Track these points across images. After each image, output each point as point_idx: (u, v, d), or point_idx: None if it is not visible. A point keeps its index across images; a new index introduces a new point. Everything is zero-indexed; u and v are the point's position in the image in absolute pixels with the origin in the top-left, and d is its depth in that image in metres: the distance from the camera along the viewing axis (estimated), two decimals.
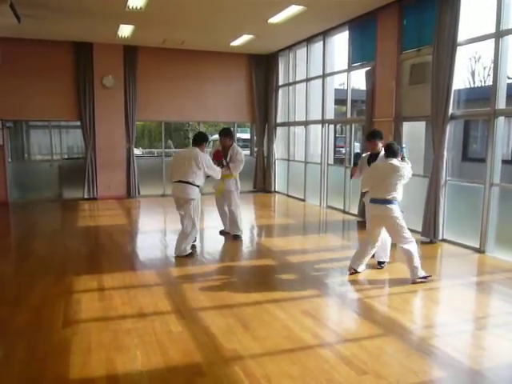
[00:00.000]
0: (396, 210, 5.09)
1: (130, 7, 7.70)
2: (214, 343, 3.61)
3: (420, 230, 7.14)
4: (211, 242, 7.43)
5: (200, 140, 6.33)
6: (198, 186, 6.15)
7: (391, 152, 5.16)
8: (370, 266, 5.77)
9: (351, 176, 6.11)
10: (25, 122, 12.43)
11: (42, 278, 5.35)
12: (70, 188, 11.42)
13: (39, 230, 8.33)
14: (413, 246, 5.11)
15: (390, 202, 5.07)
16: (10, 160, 11.03)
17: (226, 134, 7.09)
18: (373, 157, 5.72)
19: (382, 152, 5.47)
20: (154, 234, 7.88)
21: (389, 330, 3.88)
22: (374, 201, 5.19)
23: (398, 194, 5.12)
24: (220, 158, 6.85)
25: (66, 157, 12.48)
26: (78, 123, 11.21)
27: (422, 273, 5.13)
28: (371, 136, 5.77)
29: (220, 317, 4.14)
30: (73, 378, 3.11)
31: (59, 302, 4.51)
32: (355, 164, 5.91)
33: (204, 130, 15.55)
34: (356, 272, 5.40)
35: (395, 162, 5.14)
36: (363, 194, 5.71)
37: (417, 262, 5.10)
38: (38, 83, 10.68)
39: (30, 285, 5.04)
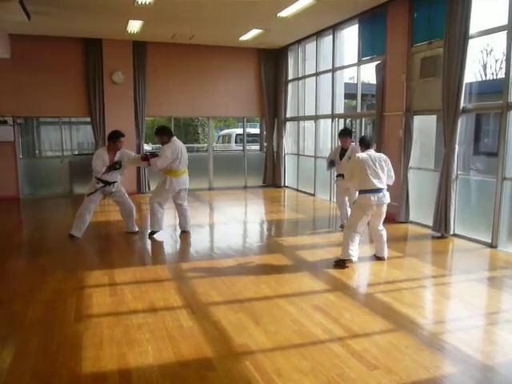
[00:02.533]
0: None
1: (139, 2, 7.71)
2: (225, 338, 3.62)
3: (431, 224, 7.10)
4: (221, 236, 7.44)
5: (108, 139, 7.07)
6: (95, 178, 6.92)
7: (369, 144, 5.64)
8: (380, 261, 5.76)
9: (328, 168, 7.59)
10: (35, 119, 12.53)
11: (54, 272, 5.40)
12: (81, 184, 11.48)
13: (50, 225, 8.40)
14: None
15: (386, 189, 5.50)
16: (21, 156, 11.12)
17: (157, 132, 7.13)
18: (343, 151, 7.04)
19: (352, 146, 6.84)
20: (165, 229, 7.89)
21: (400, 325, 3.86)
22: (376, 191, 5.38)
23: None
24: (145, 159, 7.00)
25: (76, 153, 12.57)
26: (88, 119, 11.27)
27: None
28: (344, 133, 7.05)
29: (230, 312, 4.15)
30: (85, 371, 3.14)
31: (71, 296, 4.56)
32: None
33: (213, 125, 15.55)
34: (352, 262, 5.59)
35: (376, 152, 5.67)
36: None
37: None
38: (48, 80, 10.75)
39: (42, 280, 5.10)
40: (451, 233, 6.87)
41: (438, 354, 3.38)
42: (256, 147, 14.94)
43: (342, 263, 5.50)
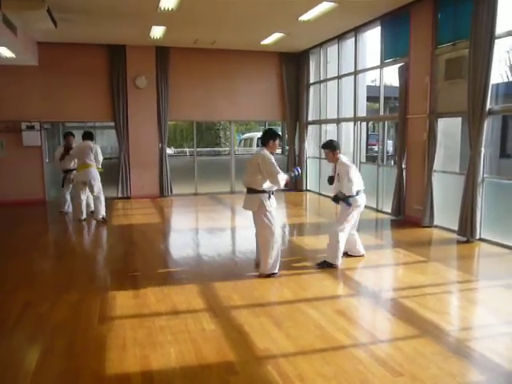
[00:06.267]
0: None
1: (162, 9, 7.80)
2: (247, 342, 3.61)
3: (456, 228, 6.96)
4: (243, 240, 7.45)
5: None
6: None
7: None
8: (404, 266, 5.68)
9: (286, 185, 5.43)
10: (61, 124, 12.78)
11: (79, 275, 5.50)
12: (105, 187, 11.60)
13: (75, 228, 8.54)
14: None
15: None
16: (47, 160, 11.35)
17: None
18: None
19: None
20: (187, 233, 7.96)
21: (425, 331, 3.79)
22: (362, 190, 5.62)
23: None
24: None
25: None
26: (112, 124, 11.46)
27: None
28: (276, 136, 5.32)
29: (252, 315, 4.14)
30: (109, 373, 3.17)
31: (95, 299, 4.62)
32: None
33: (235, 129, 15.59)
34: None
35: None
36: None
37: None
38: (73, 86, 10.98)
39: (68, 282, 5.19)
40: (477, 237, 6.72)
41: (465, 361, 3.31)
42: (278, 151, 14.93)
43: (329, 265, 5.50)
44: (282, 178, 5.09)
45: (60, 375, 3.18)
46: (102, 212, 8.55)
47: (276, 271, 5.23)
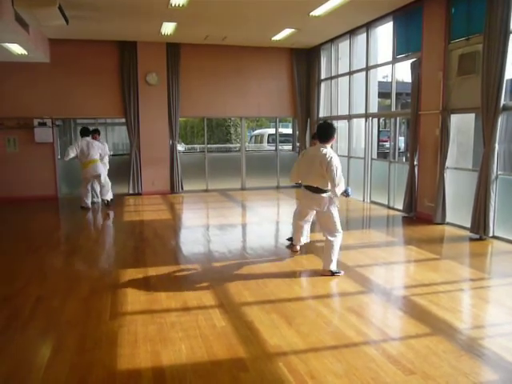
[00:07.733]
0: None
1: (173, 5, 7.79)
2: (258, 338, 3.61)
3: (469, 226, 6.89)
4: (254, 236, 7.44)
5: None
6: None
7: None
8: (416, 263, 5.63)
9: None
10: (73, 120, 12.87)
11: (90, 271, 5.54)
12: (116, 184, 11.68)
13: (87, 224, 8.61)
14: None
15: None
16: (59, 157, 11.44)
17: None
18: None
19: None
20: (197, 229, 7.97)
21: (437, 329, 3.75)
22: None
23: None
24: None
25: (111, 153, 12.83)
26: (123, 120, 11.50)
27: None
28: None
29: (263, 312, 4.14)
30: (120, 368, 3.19)
31: (106, 294, 4.65)
32: None
33: (246, 126, 15.56)
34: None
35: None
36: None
37: None
38: (85, 82, 11.03)
39: (79, 277, 5.23)
40: (490, 235, 6.64)
41: (478, 360, 3.27)
42: (288, 147, 14.90)
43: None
44: (343, 187, 5.05)
45: (72, 370, 3.20)
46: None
47: (340, 270, 5.19)
